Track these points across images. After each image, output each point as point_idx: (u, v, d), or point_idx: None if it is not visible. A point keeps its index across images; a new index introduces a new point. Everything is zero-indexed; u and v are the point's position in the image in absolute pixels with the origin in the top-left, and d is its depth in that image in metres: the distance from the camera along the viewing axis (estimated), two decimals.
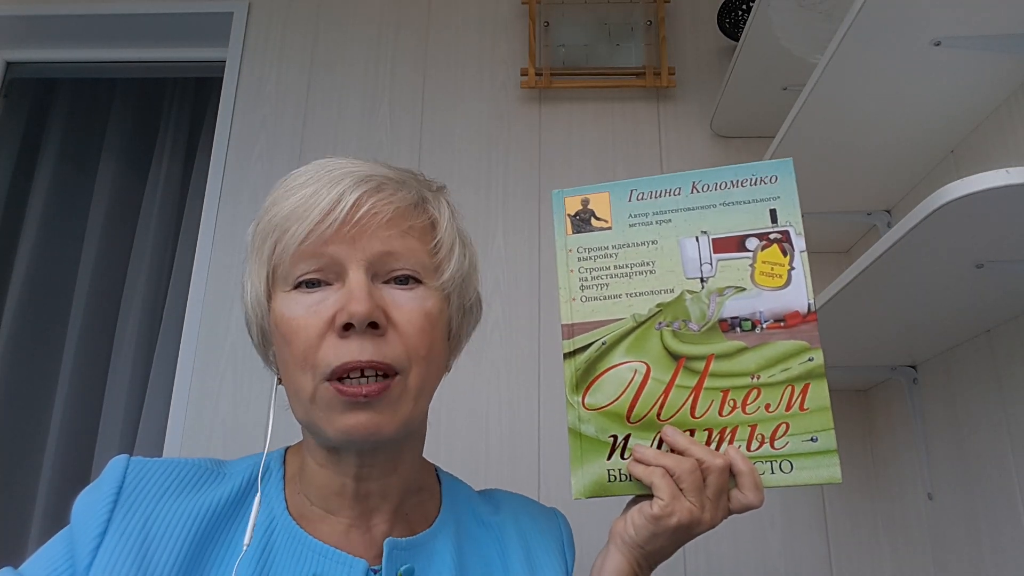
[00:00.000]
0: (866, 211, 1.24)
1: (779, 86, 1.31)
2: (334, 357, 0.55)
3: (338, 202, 0.58)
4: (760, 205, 0.62)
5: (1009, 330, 0.92)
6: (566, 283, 0.64)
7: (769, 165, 0.62)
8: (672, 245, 0.62)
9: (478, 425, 1.35)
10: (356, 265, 0.58)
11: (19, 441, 1.66)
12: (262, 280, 0.61)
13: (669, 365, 0.61)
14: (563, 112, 1.57)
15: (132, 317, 1.73)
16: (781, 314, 0.60)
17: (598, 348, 0.62)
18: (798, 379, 0.59)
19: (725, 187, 0.63)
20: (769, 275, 0.61)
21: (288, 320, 0.58)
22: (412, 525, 0.65)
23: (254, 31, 1.67)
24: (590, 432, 0.61)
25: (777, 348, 0.59)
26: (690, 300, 0.61)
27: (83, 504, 0.57)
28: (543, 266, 1.45)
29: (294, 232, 0.57)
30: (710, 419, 0.60)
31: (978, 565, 0.97)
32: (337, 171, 0.61)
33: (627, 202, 0.64)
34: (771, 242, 0.61)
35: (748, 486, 0.58)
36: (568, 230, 0.65)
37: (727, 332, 0.60)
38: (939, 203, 0.65)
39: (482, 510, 0.71)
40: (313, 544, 0.60)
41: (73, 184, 1.88)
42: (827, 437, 0.58)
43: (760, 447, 0.59)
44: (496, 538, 0.68)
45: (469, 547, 0.66)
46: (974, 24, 0.84)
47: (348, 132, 1.57)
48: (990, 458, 0.95)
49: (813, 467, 0.58)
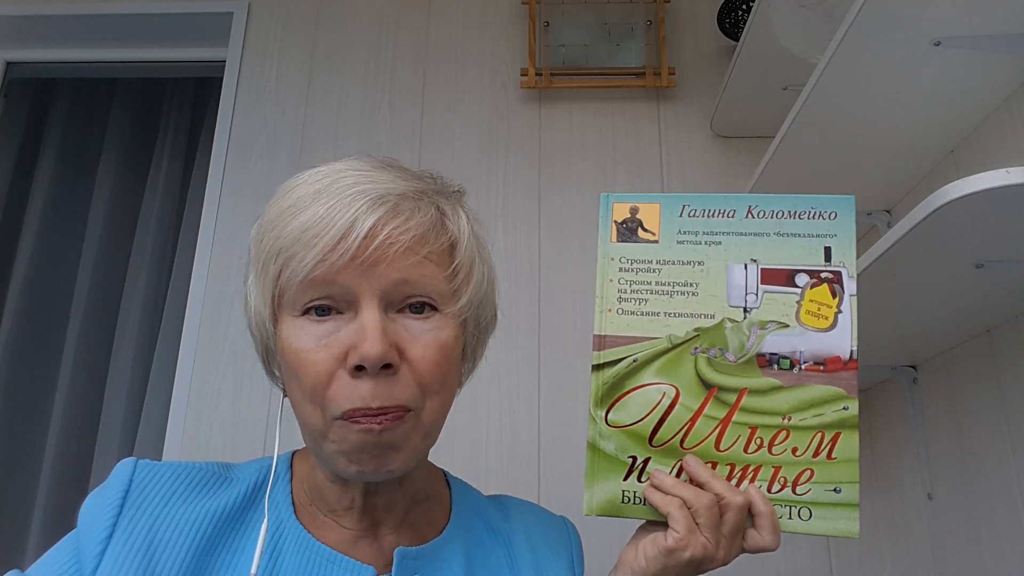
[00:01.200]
0: (866, 211, 1.24)
1: (779, 86, 1.31)
2: (345, 400, 0.53)
3: (351, 228, 0.53)
4: (815, 241, 0.59)
5: (1009, 330, 0.92)
6: (603, 292, 0.61)
7: (830, 200, 0.60)
8: (719, 269, 0.60)
9: (477, 426, 1.35)
10: (369, 297, 0.54)
11: (19, 441, 1.66)
12: (267, 302, 0.57)
13: (700, 393, 0.59)
14: (563, 112, 1.56)
15: (132, 317, 1.73)
16: (822, 357, 0.58)
17: (628, 364, 0.60)
18: (830, 427, 0.57)
19: (781, 216, 0.60)
20: (815, 315, 0.58)
21: (297, 353, 0.55)
22: (421, 533, 0.64)
23: (254, 31, 1.67)
24: (609, 449, 0.59)
25: (813, 392, 0.57)
26: (730, 329, 0.59)
27: (90, 507, 0.57)
28: (543, 266, 1.45)
29: (303, 259, 0.53)
30: (734, 454, 0.58)
31: (978, 565, 0.97)
32: (350, 188, 0.56)
33: (678, 217, 0.61)
34: (822, 281, 0.59)
35: (766, 528, 0.56)
36: (612, 237, 0.62)
37: (764, 368, 0.58)
38: (939, 203, 0.65)
39: (492, 517, 0.70)
40: (321, 550, 0.59)
41: (73, 184, 1.88)
42: (851, 490, 0.57)
43: (782, 490, 0.57)
44: (505, 546, 0.68)
45: (478, 555, 0.66)
46: (974, 24, 0.84)
47: (348, 132, 1.57)
48: (990, 458, 0.95)
49: (832, 518, 0.57)
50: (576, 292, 1.43)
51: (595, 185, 1.51)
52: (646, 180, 1.50)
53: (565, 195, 1.50)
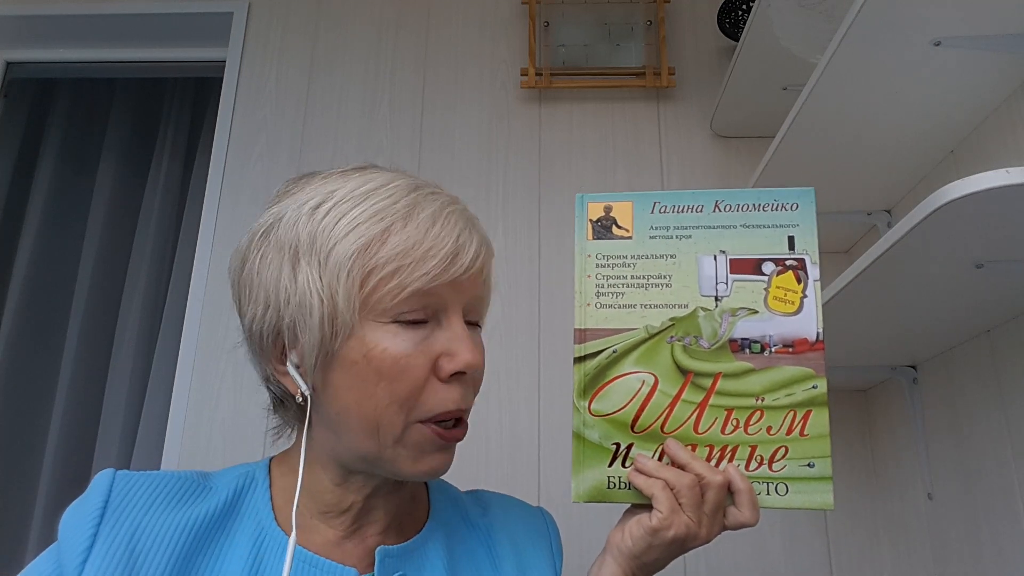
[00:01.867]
0: (866, 211, 1.24)
1: (779, 86, 1.31)
2: (438, 403, 0.57)
3: (461, 249, 0.58)
4: (779, 231, 0.63)
5: (1009, 330, 0.92)
6: (582, 288, 0.64)
7: (791, 192, 0.63)
8: (690, 261, 0.63)
9: (478, 425, 1.35)
10: (456, 308, 0.59)
11: (19, 441, 1.66)
12: (351, 307, 0.55)
13: (677, 379, 0.62)
14: (563, 112, 1.56)
15: (132, 317, 1.73)
16: (790, 340, 0.61)
17: (609, 355, 0.63)
18: (801, 405, 0.60)
19: (747, 209, 0.64)
20: (782, 300, 0.62)
21: (395, 357, 0.55)
22: (403, 531, 0.65)
23: (254, 31, 1.67)
24: (593, 438, 0.62)
25: (783, 373, 0.61)
26: (703, 317, 0.62)
27: (69, 519, 0.57)
28: (543, 266, 1.45)
29: (413, 272, 0.55)
30: (712, 436, 0.61)
31: (978, 565, 0.97)
32: (444, 208, 0.59)
33: (649, 213, 0.65)
34: (787, 268, 0.62)
35: (745, 504, 0.59)
36: (588, 235, 0.65)
37: (736, 352, 0.61)
38: (939, 203, 0.65)
39: (471, 512, 0.71)
40: (303, 555, 0.60)
41: (73, 184, 1.88)
42: (824, 464, 0.60)
43: (759, 468, 0.60)
44: (485, 539, 0.69)
45: (459, 550, 0.67)
46: (974, 24, 0.84)
47: (348, 132, 1.57)
48: (990, 458, 0.95)
49: (807, 492, 0.60)
50: None
51: (595, 185, 1.51)
52: (646, 180, 1.50)
53: (565, 195, 1.50)
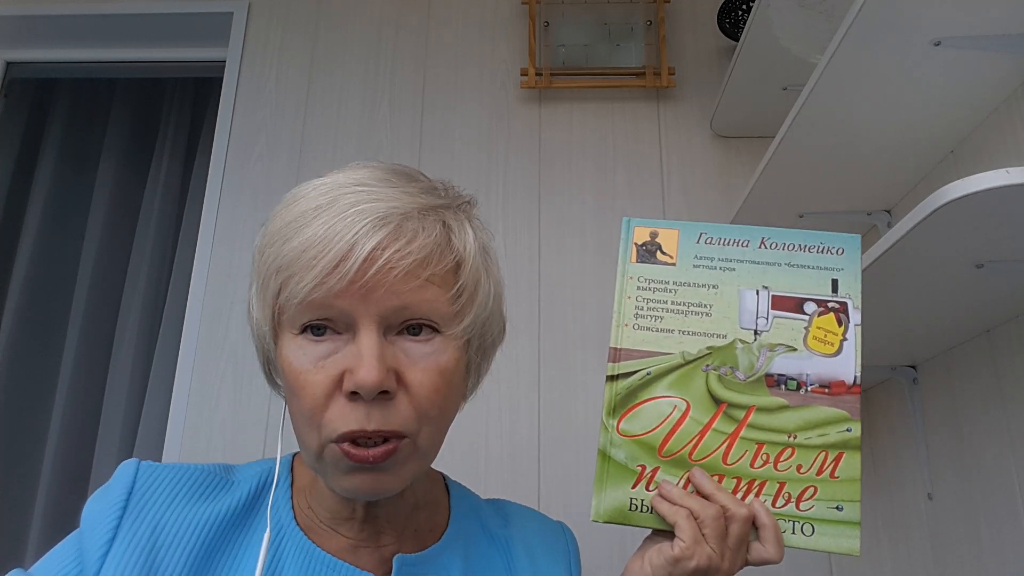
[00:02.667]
0: (866, 211, 1.24)
1: (779, 86, 1.31)
2: (341, 423, 0.52)
3: (350, 251, 0.52)
4: (823, 273, 0.63)
5: (1009, 330, 0.92)
6: (620, 308, 0.64)
7: (837, 237, 0.64)
8: (732, 293, 0.63)
9: (477, 427, 1.35)
10: (367, 321, 0.53)
11: (19, 441, 1.66)
12: (267, 318, 0.57)
13: (710, 408, 0.61)
14: (563, 112, 1.57)
15: (132, 317, 1.73)
16: (827, 380, 0.61)
17: (642, 377, 0.62)
18: (833, 447, 0.60)
19: (792, 248, 0.64)
20: (822, 341, 0.62)
21: (296, 372, 0.54)
22: (421, 539, 0.64)
23: (254, 31, 1.67)
24: (619, 457, 0.61)
25: (818, 412, 0.60)
26: (741, 349, 0.62)
27: (93, 509, 0.57)
28: (543, 266, 1.45)
29: (300, 280, 0.52)
30: (741, 468, 0.60)
31: (978, 565, 0.97)
32: (351, 207, 0.54)
33: (695, 243, 0.65)
34: (828, 310, 0.62)
35: (770, 540, 0.58)
36: (632, 258, 0.65)
37: (772, 387, 0.61)
38: (939, 203, 0.65)
39: (491, 522, 0.70)
40: (322, 556, 0.59)
41: (73, 184, 1.88)
42: (852, 508, 0.59)
43: (785, 505, 0.60)
44: (503, 551, 0.68)
45: (477, 560, 0.66)
46: (974, 24, 0.84)
47: (348, 132, 1.57)
48: (990, 458, 0.95)
49: (834, 535, 0.59)
50: (576, 292, 1.43)
51: (595, 185, 1.51)
52: (646, 180, 1.50)
53: (565, 195, 1.50)
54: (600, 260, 1.45)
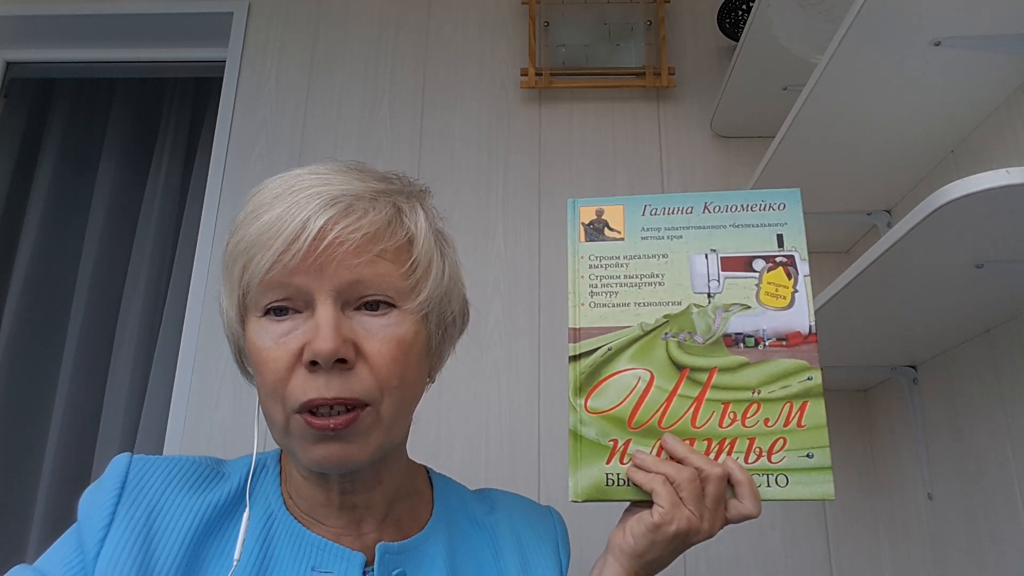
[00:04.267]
0: (866, 211, 1.24)
1: (779, 86, 1.31)
2: (301, 392, 0.55)
3: (302, 230, 0.55)
4: (768, 229, 0.65)
5: (1009, 330, 0.92)
6: (575, 288, 0.65)
7: (778, 193, 0.66)
8: (682, 260, 0.64)
9: (478, 425, 1.35)
10: (324, 296, 0.56)
11: (19, 441, 1.66)
12: (234, 304, 0.60)
13: (673, 375, 0.62)
14: (563, 112, 1.56)
15: (132, 317, 1.73)
16: (783, 333, 0.62)
17: (604, 353, 0.63)
18: (797, 396, 0.61)
19: (735, 210, 0.65)
20: (774, 296, 0.63)
21: (259, 350, 0.57)
22: (404, 529, 0.65)
23: (254, 31, 1.67)
24: (591, 435, 0.62)
25: (778, 365, 0.62)
26: (696, 314, 0.63)
27: (88, 499, 0.59)
28: (543, 266, 1.45)
29: (259, 261, 0.56)
30: (710, 430, 0.61)
31: (978, 565, 0.97)
32: (304, 191, 0.57)
33: (640, 216, 0.66)
34: (777, 265, 0.64)
35: (746, 496, 0.59)
36: (581, 237, 0.66)
37: (731, 347, 0.62)
38: (939, 203, 0.65)
39: (476, 510, 0.71)
40: (313, 538, 0.61)
41: (73, 184, 1.88)
42: (822, 454, 0.60)
43: (758, 460, 0.61)
44: (489, 538, 0.69)
45: (462, 548, 0.67)
46: (974, 24, 0.84)
47: (348, 132, 1.57)
48: (990, 458, 0.95)
49: (808, 483, 0.60)
50: None
51: (595, 185, 1.51)
52: (646, 180, 1.50)
53: (565, 195, 1.50)
54: None
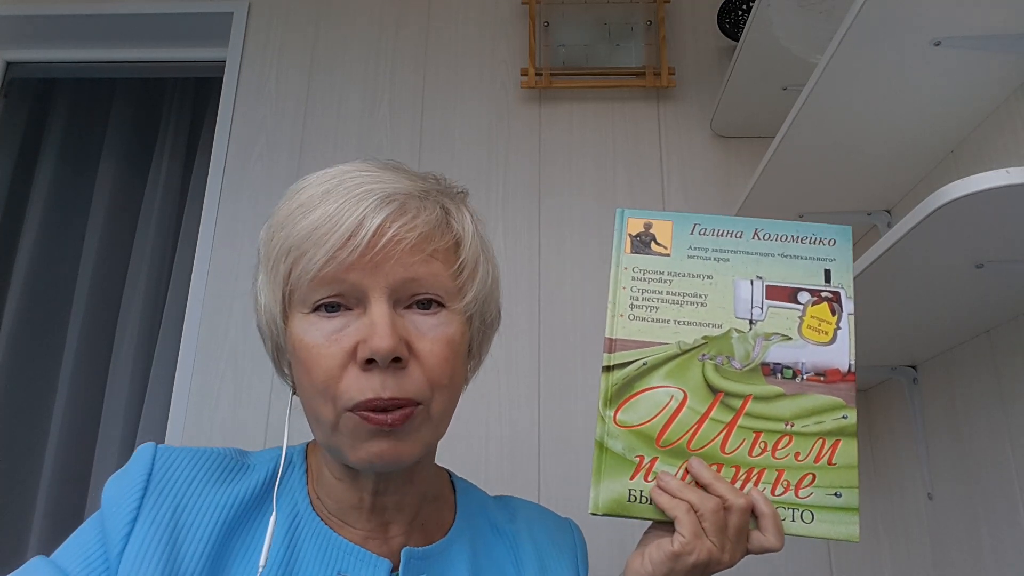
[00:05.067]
0: (866, 211, 1.24)
1: (779, 86, 1.31)
2: (357, 392, 0.54)
3: (360, 226, 0.55)
4: (816, 263, 0.64)
5: (1009, 330, 0.92)
6: (615, 299, 0.64)
7: (829, 229, 0.65)
8: (727, 283, 0.64)
9: (478, 426, 1.35)
10: (379, 294, 0.56)
11: (19, 441, 1.66)
12: (278, 300, 0.58)
13: (707, 397, 0.61)
14: (563, 112, 1.57)
15: (132, 317, 1.73)
16: (822, 369, 0.61)
17: (639, 367, 0.62)
18: (830, 434, 0.60)
19: (785, 240, 0.65)
20: (816, 330, 0.62)
21: (308, 347, 0.56)
22: (428, 533, 0.65)
23: (254, 31, 1.67)
24: (617, 448, 0.61)
25: (814, 400, 0.61)
26: (736, 339, 0.62)
27: (113, 489, 0.58)
28: (543, 266, 1.45)
29: (312, 257, 0.55)
30: (739, 457, 0.60)
31: (978, 565, 0.97)
32: (358, 188, 0.57)
33: (689, 234, 0.65)
34: (822, 300, 0.63)
35: (770, 529, 0.57)
36: (627, 248, 0.66)
37: (768, 376, 0.61)
38: (939, 203, 0.65)
39: (497, 518, 0.70)
40: (338, 541, 0.60)
41: (73, 184, 1.88)
42: (850, 495, 0.59)
43: (785, 493, 0.60)
44: (510, 547, 0.68)
45: (484, 555, 0.66)
46: (974, 24, 0.84)
47: (348, 132, 1.57)
48: (990, 458, 0.95)
49: (833, 522, 0.59)
50: (576, 291, 1.43)
51: (595, 185, 1.51)
52: (646, 180, 1.50)
53: (565, 195, 1.50)
54: (600, 260, 1.45)
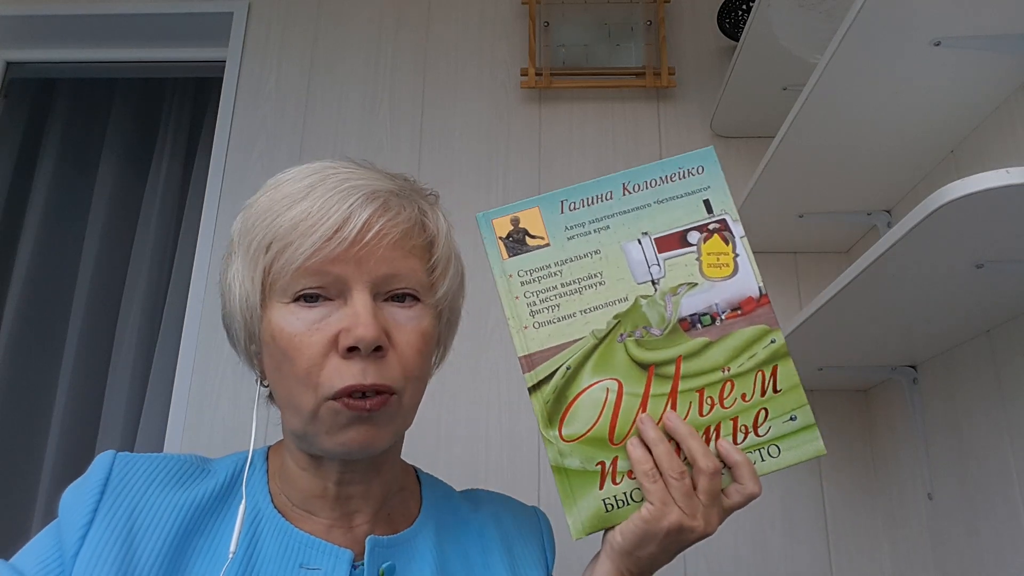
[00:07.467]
0: (866, 211, 1.24)
1: (779, 86, 1.31)
2: (339, 379, 0.56)
3: (347, 220, 0.57)
4: (694, 197, 0.61)
5: (1009, 330, 0.92)
6: (513, 311, 0.60)
7: (693, 156, 0.62)
8: (616, 252, 0.60)
9: (477, 426, 1.35)
10: (361, 286, 0.57)
11: (19, 440, 1.66)
12: (256, 288, 0.60)
13: (640, 376, 0.59)
14: (563, 112, 1.57)
15: (132, 317, 1.73)
16: (736, 302, 0.60)
17: (563, 374, 0.59)
18: (766, 363, 0.60)
19: (656, 184, 0.62)
20: (716, 266, 0.61)
21: (290, 336, 0.57)
22: (394, 524, 0.66)
23: (254, 31, 1.67)
24: (575, 465, 0.59)
25: (740, 337, 0.60)
26: (646, 305, 0.60)
27: (70, 496, 0.58)
28: None
29: (299, 247, 0.56)
30: (692, 421, 0.59)
31: (978, 565, 0.97)
32: (343, 183, 0.59)
33: (559, 214, 0.61)
34: (711, 233, 0.61)
35: (746, 476, 0.58)
36: (503, 254, 0.61)
37: (689, 330, 0.60)
38: (939, 203, 0.65)
39: (462, 508, 0.72)
40: (299, 535, 0.61)
41: (73, 184, 1.88)
42: (804, 413, 0.59)
43: (746, 437, 0.59)
44: (477, 535, 0.69)
45: (450, 544, 0.67)
46: (974, 24, 0.84)
47: (348, 132, 1.57)
48: (990, 458, 0.95)
49: (798, 445, 0.59)
50: None
51: None
52: None
53: None
54: None
